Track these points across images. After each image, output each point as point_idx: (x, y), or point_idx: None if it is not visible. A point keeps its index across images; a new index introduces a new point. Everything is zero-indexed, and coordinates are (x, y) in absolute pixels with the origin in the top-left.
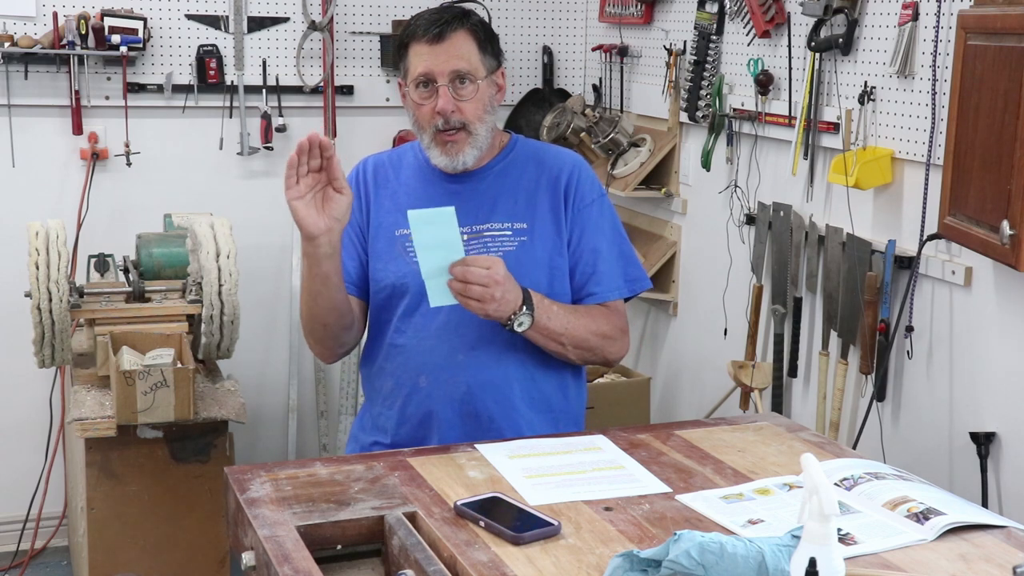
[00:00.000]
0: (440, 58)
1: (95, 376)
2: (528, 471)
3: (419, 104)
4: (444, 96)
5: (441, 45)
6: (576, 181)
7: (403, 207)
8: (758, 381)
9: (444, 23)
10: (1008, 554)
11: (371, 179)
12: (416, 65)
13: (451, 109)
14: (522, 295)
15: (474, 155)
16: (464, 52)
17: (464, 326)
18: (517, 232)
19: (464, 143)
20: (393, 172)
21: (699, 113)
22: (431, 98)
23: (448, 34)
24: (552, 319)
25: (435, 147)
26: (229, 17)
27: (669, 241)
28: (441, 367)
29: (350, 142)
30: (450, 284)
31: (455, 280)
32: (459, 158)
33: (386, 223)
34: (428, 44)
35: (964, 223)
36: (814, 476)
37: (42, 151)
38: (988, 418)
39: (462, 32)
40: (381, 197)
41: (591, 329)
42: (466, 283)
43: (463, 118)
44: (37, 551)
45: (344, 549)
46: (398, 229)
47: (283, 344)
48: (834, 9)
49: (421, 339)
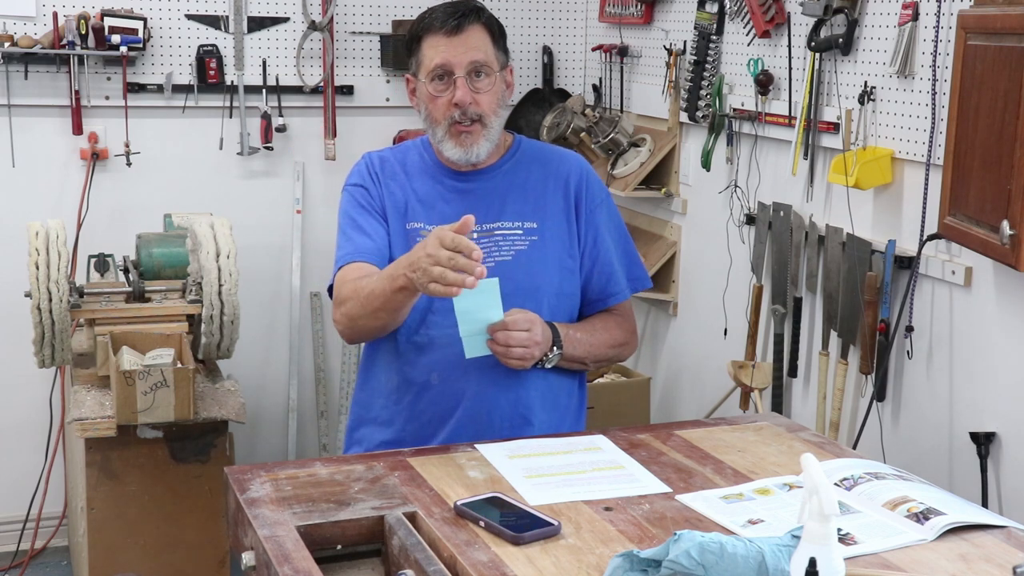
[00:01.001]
0: (458, 49)
1: (95, 376)
2: (528, 471)
3: (435, 96)
4: (462, 87)
5: (459, 37)
6: (586, 184)
7: (414, 207)
8: (758, 381)
9: (461, 15)
10: (1008, 554)
11: (379, 170)
12: (432, 57)
13: (469, 100)
14: (552, 335)
15: (487, 148)
16: (480, 44)
17: None
18: (528, 231)
19: (479, 135)
20: (400, 168)
21: (699, 113)
22: (448, 90)
23: (465, 26)
24: (577, 347)
25: (449, 139)
26: (229, 17)
27: (669, 241)
28: (454, 365)
29: (350, 142)
30: (491, 346)
31: (497, 344)
32: (473, 150)
33: (398, 214)
34: (446, 36)
35: (964, 223)
36: (814, 476)
37: (42, 151)
38: (988, 418)
39: (478, 25)
40: (392, 188)
41: (608, 343)
42: (508, 347)
43: (480, 110)
44: (37, 551)
45: (344, 549)
46: (409, 222)
47: (283, 344)
48: (834, 9)
49: (432, 337)
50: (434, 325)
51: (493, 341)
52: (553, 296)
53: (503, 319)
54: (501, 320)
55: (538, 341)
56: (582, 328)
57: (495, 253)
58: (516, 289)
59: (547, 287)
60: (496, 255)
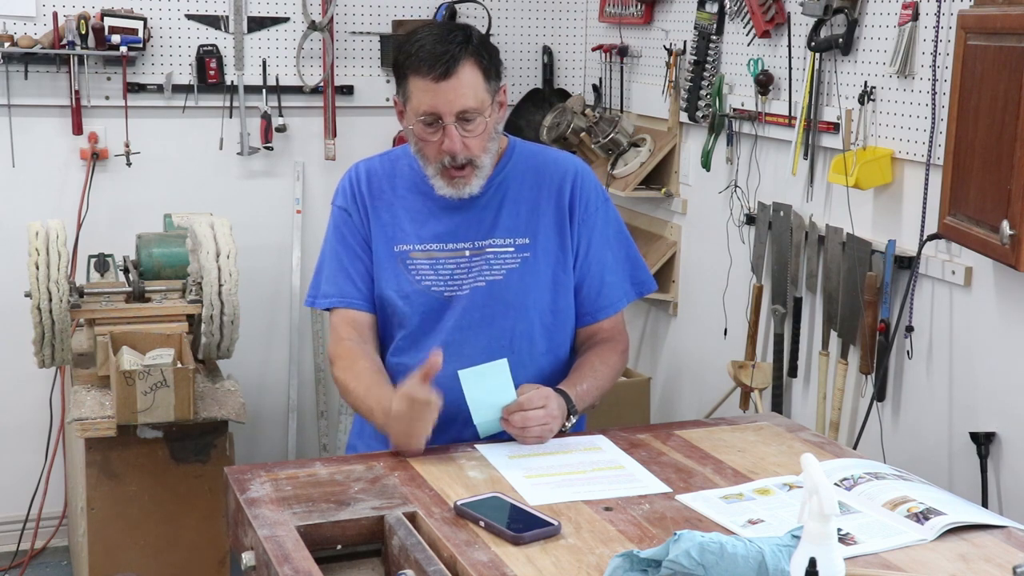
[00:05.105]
0: (447, 96)
1: (95, 376)
2: (528, 471)
3: (424, 139)
4: (452, 136)
5: (448, 82)
6: (579, 189)
7: (402, 223)
8: (758, 381)
9: (449, 58)
10: (1008, 554)
11: (366, 189)
12: (420, 100)
13: (459, 148)
14: (566, 405)
15: (480, 184)
16: (470, 87)
17: (468, 346)
18: (520, 248)
19: (471, 176)
20: (388, 183)
21: (699, 113)
22: (436, 134)
23: (454, 70)
24: (587, 399)
25: (440, 178)
26: (229, 17)
27: (669, 241)
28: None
29: (350, 142)
30: (507, 428)
31: (514, 426)
32: (465, 190)
33: (384, 237)
34: (433, 81)
35: (964, 223)
36: (814, 476)
37: (42, 151)
38: (988, 418)
39: (467, 65)
40: (378, 209)
41: (611, 377)
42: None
43: (470, 154)
44: (37, 551)
45: (344, 549)
46: (397, 245)
47: (283, 344)
48: (834, 9)
49: (423, 359)
50: (416, 347)
51: (510, 424)
52: (547, 314)
53: (517, 399)
54: (515, 400)
55: (555, 415)
56: (586, 376)
57: (486, 272)
58: (507, 309)
59: (539, 305)
60: (487, 274)
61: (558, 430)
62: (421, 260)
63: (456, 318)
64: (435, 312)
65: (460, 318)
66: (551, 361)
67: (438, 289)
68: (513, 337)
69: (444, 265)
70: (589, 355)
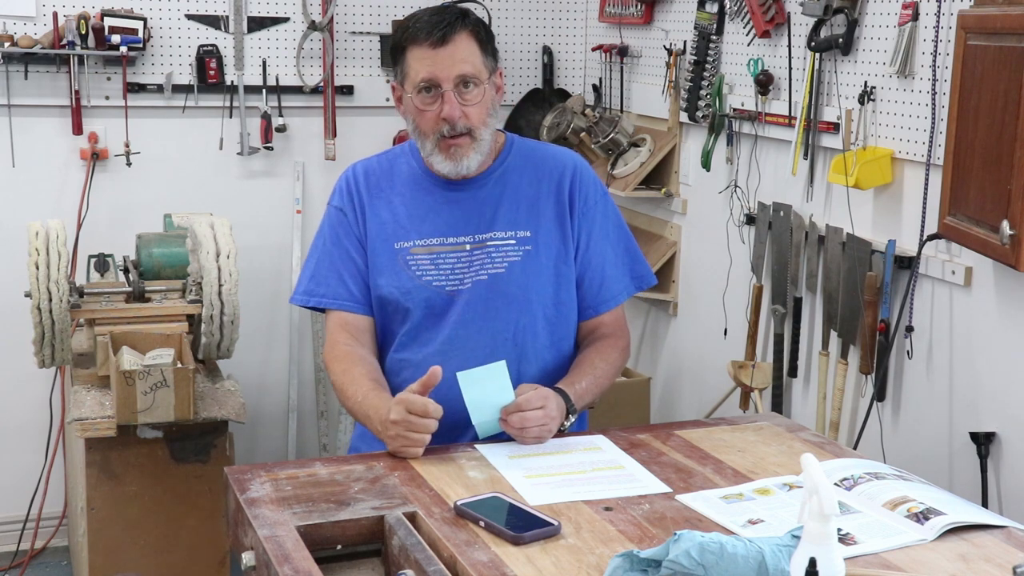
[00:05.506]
0: (445, 62)
1: (95, 376)
2: (528, 471)
3: (422, 110)
4: (451, 102)
5: (445, 48)
6: (578, 184)
7: (401, 219)
8: (758, 381)
9: (447, 25)
10: (1008, 554)
11: (363, 188)
12: (418, 70)
13: (458, 115)
14: (565, 404)
15: (477, 160)
16: (468, 55)
17: (471, 340)
18: (521, 241)
19: (468, 148)
20: (386, 180)
21: (699, 113)
22: (435, 103)
23: (451, 36)
24: (586, 397)
25: (438, 153)
26: (229, 17)
27: (669, 241)
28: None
29: (350, 142)
30: (506, 428)
31: (512, 427)
32: (463, 163)
33: (383, 235)
34: (431, 48)
35: (964, 223)
36: (814, 476)
37: (42, 151)
38: (988, 418)
39: (464, 34)
40: (376, 207)
41: (611, 374)
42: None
43: (469, 123)
44: (37, 551)
45: (344, 549)
46: (397, 242)
47: (283, 344)
48: (834, 9)
49: (427, 355)
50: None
51: (508, 424)
52: (550, 307)
53: (515, 400)
54: (513, 401)
55: (554, 416)
56: (585, 374)
57: (488, 265)
58: (510, 302)
59: (542, 298)
60: (489, 267)
61: (557, 430)
62: (422, 255)
63: (459, 313)
64: (437, 307)
65: (463, 312)
66: (555, 355)
67: (439, 284)
68: (516, 330)
69: (445, 259)
70: (589, 352)
